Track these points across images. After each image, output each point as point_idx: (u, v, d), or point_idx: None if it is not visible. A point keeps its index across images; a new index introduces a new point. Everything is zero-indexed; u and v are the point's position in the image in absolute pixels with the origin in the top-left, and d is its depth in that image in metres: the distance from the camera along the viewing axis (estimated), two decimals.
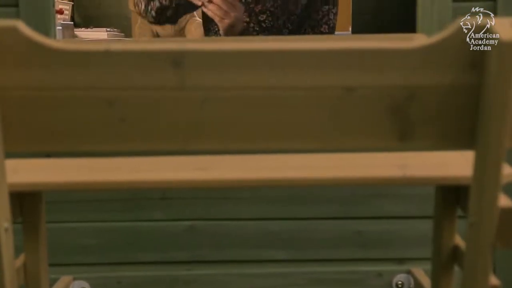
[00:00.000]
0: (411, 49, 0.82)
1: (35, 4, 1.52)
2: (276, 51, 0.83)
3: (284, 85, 0.84)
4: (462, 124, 0.85)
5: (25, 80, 0.82)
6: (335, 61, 0.84)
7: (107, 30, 2.95)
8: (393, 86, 0.83)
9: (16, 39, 0.81)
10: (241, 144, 0.88)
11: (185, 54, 0.83)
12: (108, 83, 0.83)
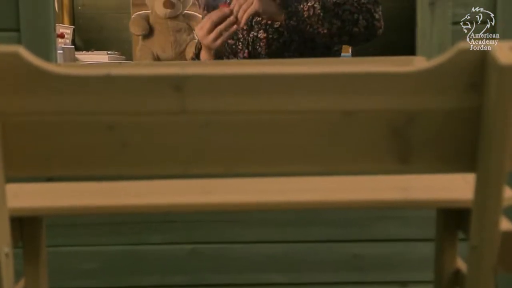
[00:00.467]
0: (410, 72, 0.82)
1: (36, 29, 1.53)
2: (275, 76, 0.84)
3: (284, 109, 0.85)
4: (463, 147, 0.85)
5: (26, 105, 0.83)
6: (334, 85, 0.84)
7: (108, 53, 2.96)
8: (392, 110, 0.84)
9: (17, 64, 0.81)
10: (242, 167, 0.88)
11: (186, 78, 0.83)
12: (109, 107, 0.84)
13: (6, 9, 1.54)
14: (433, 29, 1.58)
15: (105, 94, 0.83)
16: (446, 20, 1.58)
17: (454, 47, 0.81)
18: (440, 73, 0.82)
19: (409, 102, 0.83)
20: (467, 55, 0.81)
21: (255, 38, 2.03)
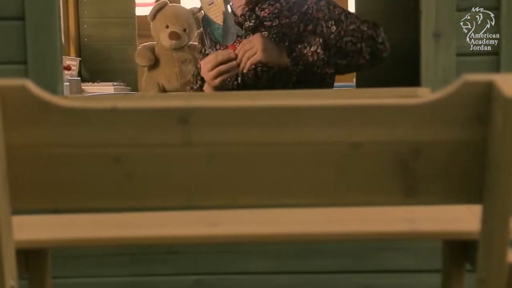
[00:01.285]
0: (416, 105, 0.83)
1: (43, 61, 1.54)
2: (281, 108, 0.84)
3: (290, 141, 0.85)
4: (469, 179, 0.85)
5: (32, 137, 0.83)
6: (340, 117, 0.84)
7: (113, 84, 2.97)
8: (398, 142, 0.84)
9: (24, 97, 0.81)
10: (248, 199, 0.88)
11: (191, 111, 0.83)
12: (115, 140, 0.84)
13: (13, 42, 1.56)
14: (437, 60, 1.58)
15: (110, 127, 0.83)
16: (450, 51, 1.58)
17: (459, 79, 0.82)
18: (446, 105, 0.82)
19: (415, 134, 0.84)
20: (472, 88, 0.81)
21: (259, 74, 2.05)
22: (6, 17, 1.56)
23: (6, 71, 1.56)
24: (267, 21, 2.06)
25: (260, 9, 2.10)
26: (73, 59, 3.09)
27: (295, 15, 2.06)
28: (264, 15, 2.08)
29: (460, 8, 1.60)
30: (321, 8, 2.05)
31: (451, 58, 1.58)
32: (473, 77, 0.81)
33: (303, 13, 2.06)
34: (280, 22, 2.07)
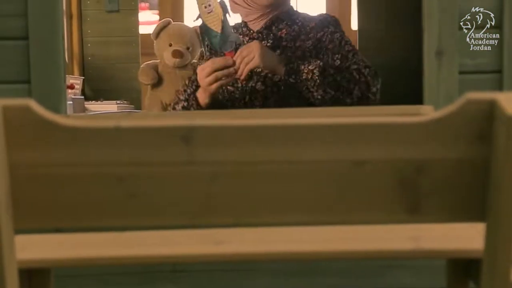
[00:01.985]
0: (419, 123, 0.83)
1: (47, 81, 1.55)
2: (284, 126, 0.84)
3: (292, 159, 0.85)
4: (472, 197, 0.85)
5: (35, 157, 0.83)
6: (343, 136, 0.84)
7: (117, 102, 2.98)
8: (401, 160, 0.84)
9: (28, 117, 0.82)
10: (251, 218, 0.88)
11: (194, 129, 0.84)
12: (118, 159, 0.84)
13: (17, 61, 1.56)
14: (439, 78, 1.59)
15: (114, 146, 0.83)
16: (452, 69, 1.58)
17: (462, 97, 0.82)
18: (449, 123, 0.82)
19: (418, 152, 0.84)
20: (475, 106, 0.81)
21: (253, 89, 2.04)
22: (11, 37, 1.57)
23: (10, 91, 1.57)
24: (284, 42, 2.07)
25: (277, 29, 2.10)
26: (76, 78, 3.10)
27: (310, 40, 2.07)
28: (281, 35, 2.09)
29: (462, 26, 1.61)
30: (334, 40, 2.06)
31: (453, 76, 1.59)
32: (475, 95, 0.81)
33: (317, 39, 2.07)
34: (295, 44, 2.07)
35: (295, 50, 2.05)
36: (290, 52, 2.05)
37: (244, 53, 1.94)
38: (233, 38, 1.96)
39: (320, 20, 2.12)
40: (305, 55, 2.05)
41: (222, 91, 2.07)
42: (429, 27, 1.59)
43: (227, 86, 2.06)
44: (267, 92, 2.03)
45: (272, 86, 2.02)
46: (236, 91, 2.06)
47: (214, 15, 1.96)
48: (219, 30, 1.95)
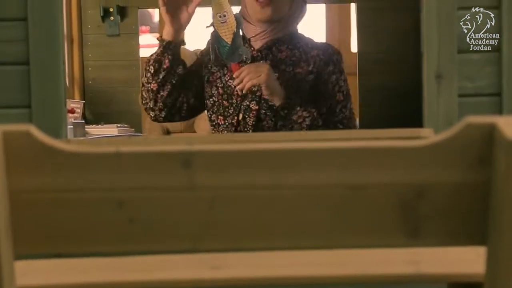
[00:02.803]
0: (418, 147, 0.83)
1: (47, 105, 1.55)
2: (283, 151, 0.84)
3: (291, 184, 0.85)
4: (473, 221, 0.85)
5: (36, 183, 0.83)
6: (341, 160, 0.84)
7: (117, 126, 2.98)
8: (401, 184, 0.84)
9: (28, 143, 0.82)
10: (251, 242, 0.88)
11: (194, 154, 0.84)
12: (118, 184, 0.84)
13: (18, 86, 1.57)
14: (439, 101, 1.59)
15: (114, 171, 0.84)
16: (452, 92, 1.59)
17: (461, 121, 0.82)
18: (448, 147, 0.82)
19: (417, 176, 0.84)
20: (474, 130, 0.81)
21: (246, 107, 2.04)
22: (11, 62, 1.58)
23: (10, 115, 1.57)
24: (282, 65, 2.06)
25: (278, 50, 2.09)
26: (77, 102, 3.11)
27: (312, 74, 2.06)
28: (281, 57, 2.07)
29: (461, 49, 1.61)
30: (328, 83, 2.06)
31: (453, 99, 1.59)
32: (475, 119, 0.81)
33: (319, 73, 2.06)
34: (294, 70, 2.06)
35: (292, 76, 2.05)
36: (287, 77, 2.04)
37: (252, 68, 1.93)
38: (242, 51, 1.95)
39: (322, 52, 2.10)
40: (301, 85, 2.04)
41: (218, 105, 2.07)
42: (429, 51, 1.60)
43: (223, 100, 2.06)
44: (260, 113, 2.03)
45: (267, 109, 2.02)
46: (230, 106, 2.06)
47: (227, 26, 1.95)
48: (230, 41, 1.94)
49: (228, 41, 1.94)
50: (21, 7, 1.57)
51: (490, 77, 1.60)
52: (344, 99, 2.05)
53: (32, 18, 1.56)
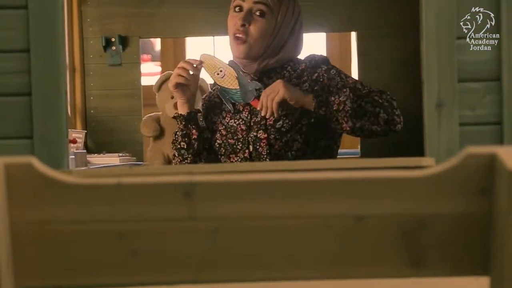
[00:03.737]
0: (420, 177, 0.83)
1: (49, 136, 1.56)
2: (285, 181, 0.84)
3: (294, 215, 0.85)
4: (475, 251, 0.85)
5: (37, 215, 0.83)
6: (344, 190, 0.84)
7: (119, 155, 2.99)
8: (403, 214, 0.84)
9: (30, 175, 0.82)
10: (253, 273, 0.88)
11: (195, 185, 0.84)
12: (119, 216, 0.84)
13: (20, 117, 1.58)
14: (440, 130, 1.59)
15: (115, 203, 0.84)
16: (453, 121, 1.59)
17: (462, 151, 0.82)
18: (450, 177, 0.82)
19: (419, 206, 0.84)
20: (475, 160, 0.81)
21: (255, 138, 2.04)
22: (14, 93, 1.59)
23: (12, 146, 1.58)
24: None
25: (268, 78, 2.10)
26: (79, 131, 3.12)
27: (306, 82, 2.07)
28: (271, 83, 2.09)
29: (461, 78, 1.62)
30: (333, 77, 2.06)
31: (454, 128, 1.59)
32: (476, 149, 0.82)
33: (313, 80, 2.06)
34: None
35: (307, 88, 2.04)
36: None
37: (268, 92, 1.94)
38: (252, 86, 1.98)
39: (309, 61, 2.11)
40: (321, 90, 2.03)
41: (224, 145, 2.07)
42: (429, 80, 1.61)
43: (228, 139, 2.06)
44: (270, 139, 2.03)
45: (275, 133, 2.02)
46: (237, 142, 2.06)
47: (228, 76, 1.99)
48: (237, 86, 1.98)
49: (236, 87, 1.98)
50: (24, 38, 1.59)
51: (490, 106, 1.61)
52: (356, 80, 2.05)
53: (34, 49, 1.58)
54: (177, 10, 3.26)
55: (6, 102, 1.59)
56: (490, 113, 1.61)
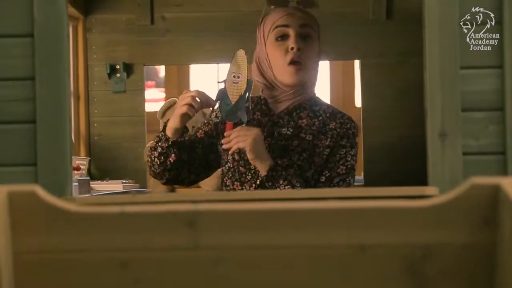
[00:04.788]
0: (424, 207, 0.83)
1: (53, 164, 1.56)
2: (288, 211, 0.84)
3: (298, 244, 0.85)
4: (480, 281, 0.84)
5: (40, 243, 0.83)
6: (347, 220, 0.84)
7: (122, 182, 2.98)
8: (407, 245, 0.83)
9: (33, 203, 0.82)
10: None
11: (198, 214, 0.84)
12: (122, 244, 0.84)
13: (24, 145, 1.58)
14: (444, 159, 1.59)
15: (118, 231, 0.84)
16: (456, 151, 1.59)
17: (466, 182, 0.82)
18: (453, 208, 0.82)
19: (424, 236, 0.83)
20: (479, 190, 0.81)
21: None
22: (18, 120, 1.60)
23: (16, 173, 1.58)
24: (302, 133, 2.04)
25: (298, 116, 2.07)
26: (82, 158, 3.12)
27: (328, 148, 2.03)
28: (301, 124, 2.05)
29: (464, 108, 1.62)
30: (336, 155, 2.04)
31: (457, 157, 1.59)
32: (479, 180, 0.82)
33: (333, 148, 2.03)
34: (313, 141, 2.04)
35: (311, 147, 2.02)
36: (305, 146, 2.02)
37: (242, 132, 1.94)
38: (241, 115, 1.97)
39: (340, 125, 2.06)
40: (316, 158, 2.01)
41: (233, 171, 2.06)
42: (432, 109, 1.61)
43: (239, 167, 2.05)
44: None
45: None
46: (248, 173, 2.05)
47: (237, 87, 1.98)
48: (233, 102, 1.98)
49: (232, 101, 1.98)
50: (29, 66, 1.60)
51: (494, 135, 1.61)
52: (345, 172, 2.02)
53: (39, 77, 1.58)
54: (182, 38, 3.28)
55: (11, 130, 1.59)
56: (494, 143, 1.61)
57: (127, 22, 3.28)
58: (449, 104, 1.61)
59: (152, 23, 3.28)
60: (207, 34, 3.24)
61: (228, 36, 3.15)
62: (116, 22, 3.29)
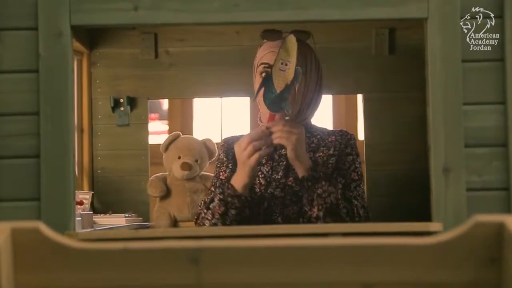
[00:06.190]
0: (428, 245, 0.82)
1: (56, 199, 1.56)
2: (293, 248, 0.84)
3: (301, 281, 0.84)
4: None
5: (43, 280, 0.83)
6: (351, 257, 0.84)
7: (125, 215, 2.97)
8: (411, 283, 0.83)
9: (37, 239, 0.82)
10: None
11: (201, 251, 0.83)
12: (126, 281, 0.84)
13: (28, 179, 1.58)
14: (447, 194, 1.59)
15: (121, 268, 0.83)
16: (460, 186, 1.59)
17: (470, 219, 0.82)
18: (458, 246, 0.82)
19: (428, 274, 0.83)
20: (483, 228, 0.81)
21: (272, 195, 2.03)
22: (22, 155, 1.60)
23: (19, 208, 1.58)
24: None
25: None
26: (86, 193, 3.11)
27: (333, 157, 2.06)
28: None
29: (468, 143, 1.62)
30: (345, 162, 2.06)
31: (461, 193, 1.59)
32: (484, 217, 0.81)
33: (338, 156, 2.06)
34: (315, 155, 2.06)
35: (314, 161, 2.04)
36: None
37: (286, 127, 1.89)
38: (285, 106, 1.91)
39: (340, 137, 2.11)
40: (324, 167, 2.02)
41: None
42: (436, 144, 1.61)
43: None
44: (285, 200, 2.01)
45: (292, 195, 2.01)
46: (255, 196, 2.04)
47: (284, 75, 1.89)
48: (278, 91, 1.90)
49: (278, 90, 1.90)
50: (34, 101, 1.60)
51: (497, 172, 1.61)
52: (358, 178, 2.06)
53: (44, 112, 1.59)
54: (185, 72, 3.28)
55: (15, 164, 1.60)
56: (497, 179, 1.60)
57: (131, 56, 3.30)
58: (452, 140, 1.61)
59: (156, 57, 3.30)
60: (210, 68, 3.26)
61: (230, 71, 3.17)
62: (120, 56, 3.31)
